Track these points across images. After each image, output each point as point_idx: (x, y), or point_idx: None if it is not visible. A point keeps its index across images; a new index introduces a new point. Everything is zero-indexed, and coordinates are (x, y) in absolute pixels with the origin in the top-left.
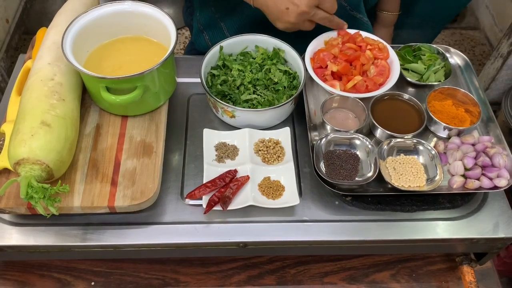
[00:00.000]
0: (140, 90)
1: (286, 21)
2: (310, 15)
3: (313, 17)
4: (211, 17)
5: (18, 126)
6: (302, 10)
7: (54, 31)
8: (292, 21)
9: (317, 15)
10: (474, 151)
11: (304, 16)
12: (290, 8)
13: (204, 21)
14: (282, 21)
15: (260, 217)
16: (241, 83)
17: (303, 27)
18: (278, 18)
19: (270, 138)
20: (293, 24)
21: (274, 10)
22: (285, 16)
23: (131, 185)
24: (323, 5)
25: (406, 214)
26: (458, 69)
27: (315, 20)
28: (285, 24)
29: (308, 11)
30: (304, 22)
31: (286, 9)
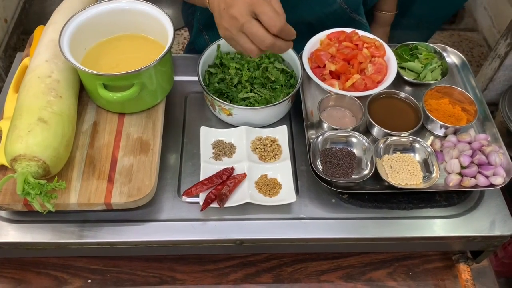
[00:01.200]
0: (137, 87)
1: (221, 25)
2: (240, 23)
3: (246, 29)
4: (211, 16)
5: (15, 123)
6: (231, 13)
7: (51, 29)
8: (225, 24)
9: (249, 28)
10: (470, 149)
11: (234, 22)
12: (225, 9)
13: (204, 21)
14: (219, 26)
15: (257, 215)
16: (239, 81)
17: (240, 42)
18: (217, 22)
19: (267, 136)
20: (226, 29)
21: (215, 11)
22: (222, 20)
23: (128, 182)
24: (260, 17)
25: (402, 212)
26: (455, 68)
27: (249, 34)
28: (221, 30)
29: (237, 15)
30: (239, 34)
31: (223, 9)
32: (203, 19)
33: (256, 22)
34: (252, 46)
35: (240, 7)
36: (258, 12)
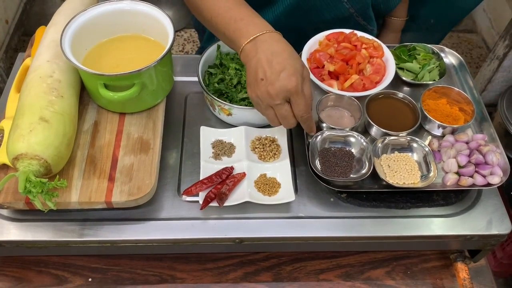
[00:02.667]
0: (137, 87)
1: (254, 91)
2: (274, 103)
3: (276, 108)
4: None
5: (17, 122)
6: (269, 91)
7: (53, 29)
8: (258, 94)
9: (280, 109)
10: (467, 149)
11: (269, 98)
12: (264, 80)
13: None
14: (251, 88)
15: (256, 214)
16: (238, 82)
17: (265, 112)
18: (249, 83)
19: (266, 136)
20: (258, 98)
21: (251, 74)
22: (256, 86)
23: (128, 181)
24: (293, 104)
25: (400, 211)
26: (452, 69)
27: (277, 113)
28: (251, 93)
29: (274, 96)
30: (267, 107)
31: (261, 79)
32: None
33: (288, 106)
34: (276, 120)
35: (279, 91)
36: (293, 101)
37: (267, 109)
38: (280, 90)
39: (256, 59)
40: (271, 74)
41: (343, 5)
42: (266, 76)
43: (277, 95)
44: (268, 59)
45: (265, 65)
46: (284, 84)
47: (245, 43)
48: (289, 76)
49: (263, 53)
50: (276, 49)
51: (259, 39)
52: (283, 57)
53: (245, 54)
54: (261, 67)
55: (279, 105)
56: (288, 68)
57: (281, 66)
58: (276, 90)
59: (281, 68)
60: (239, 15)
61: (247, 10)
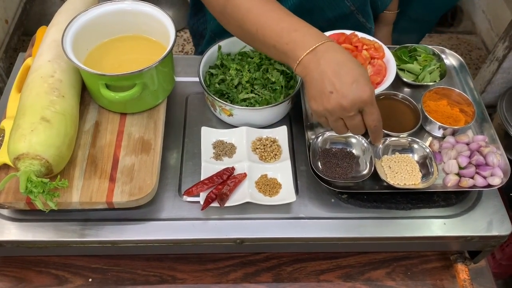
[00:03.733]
0: (139, 87)
1: (322, 104)
2: (348, 115)
3: (348, 120)
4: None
5: (18, 122)
6: (343, 104)
7: (54, 29)
8: (329, 108)
9: (353, 120)
10: (468, 150)
11: (342, 111)
12: (334, 94)
13: (216, 29)
14: (318, 102)
15: (257, 214)
16: (239, 82)
17: (334, 124)
18: (315, 97)
19: (267, 136)
20: (327, 111)
21: (316, 87)
22: (325, 99)
23: (129, 181)
24: (366, 114)
25: (401, 212)
26: (453, 70)
27: (348, 124)
28: (318, 107)
29: (349, 108)
30: (338, 119)
31: (330, 92)
32: (215, 28)
33: (360, 117)
34: (345, 130)
35: (354, 103)
36: (367, 111)
37: (337, 121)
38: (355, 102)
39: (319, 71)
40: (342, 85)
41: (344, 3)
42: (336, 88)
43: (352, 107)
44: (334, 71)
45: (332, 77)
46: (359, 95)
47: (303, 55)
48: (362, 86)
49: (327, 64)
50: (340, 59)
51: (319, 50)
52: (350, 67)
53: (303, 67)
54: (327, 79)
55: (352, 117)
56: (359, 78)
57: (352, 77)
58: (350, 102)
59: (352, 79)
60: (292, 26)
61: (299, 21)
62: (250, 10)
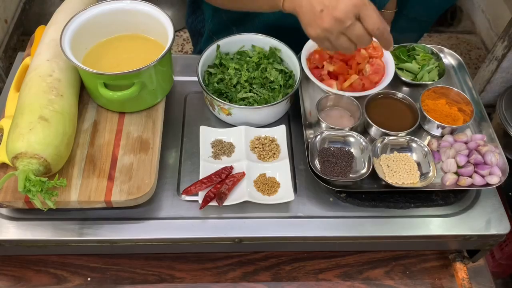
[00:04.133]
0: (137, 86)
1: (318, 26)
2: (346, 26)
3: (349, 31)
4: (221, 22)
5: (17, 121)
6: (336, 16)
7: (53, 29)
8: (325, 26)
9: (354, 30)
10: (466, 149)
11: (338, 24)
12: (325, 10)
13: (214, 28)
14: (314, 26)
15: (256, 213)
16: (238, 82)
17: (338, 42)
18: (310, 22)
19: (266, 135)
20: (326, 31)
21: (307, 12)
22: (318, 20)
23: (128, 180)
24: (364, 19)
25: (399, 210)
26: (451, 69)
27: (351, 36)
28: (316, 30)
29: (343, 18)
30: (339, 35)
31: (321, 11)
32: (213, 26)
33: (360, 24)
34: (351, 45)
35: (346, 10)
36: (364, 15)
37: (339, 37)
38: (347, 8)
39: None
40: (330, 0)
41: None
42: (326, 4)
43: (346, 16)
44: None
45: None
46: (351, 2)
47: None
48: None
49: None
50: None
51: None
52: None
53: (290, 1)
54: (315, 1)
55: (350, 26)
56: None
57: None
58: (343, 11)
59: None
60: None
61: None
62: None
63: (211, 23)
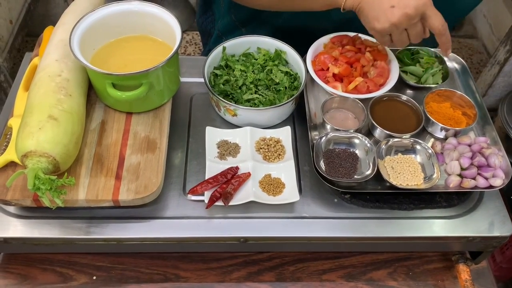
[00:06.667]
0: (145, 87)
1: (387, 20)
2: (413, 22)
3: (412, 28)
4: (230, 23)
5: (26, 120)
6: (407, 12)
7: (61, 29)
8: (394, 21)
9: (416, 27)
10: (470, 152)
11: (407, 20)
12: (396, 7)
13: (224, 28)
14: (381, 21)
15: (261, 213)
16: (243, 83)
17: (399, 37)
18: (378, 17)
19: (271, 136)
20: (393, 25)
21: (376, 8)
22: (388, 14)
23: (135, 180)
24: (431, 17)
25: (403, 212)
26: (455, 73)
27: (412, 32)
28: (383, 24)
29: (414, 15)
30: (403, 31)
31: (392, 7)
32: (223, 27)
33: (421, 23)
34: (407, 40)
35: (417, 8)
36: (431, 13)
37: (402, 32)
38: (418, 7)
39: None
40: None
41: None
42: (396, 1)
43: (416, 14)
44: None
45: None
46: (420, 2)
47: None
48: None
49: None
50: None
51: None
52: None
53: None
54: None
55: (415, 24)
56: None
57: None
58: (414, 8)
59: None
60: None
61: None
62: None
63: (221, 24)
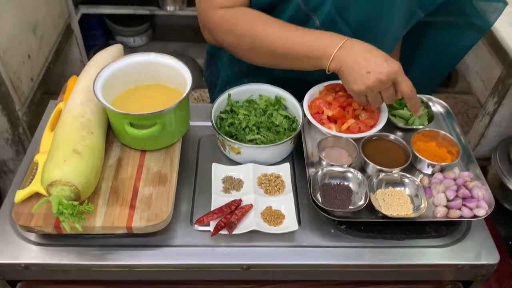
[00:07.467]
0: (159, 126)
1: (363, 84)
2: (385, 87)
3: (385, 91)
4: (234, 74)
5: (53, 154)
6: (380, 78)
7: (85, 78)
8: (369, 84)
9: (389, 90)
10: (455, 185)
11: (381, 85)
12: (371, 72)
13: (227, 79)
14: (359, 84)
15: (263, 242)
16: (246, 125)
17: (374, 98)
18: (356, 80)
19: (272, 172)
20: (368, 88)
21: (355, 73)
22: (364, 79)
23: (148, 209)
24: (401, 83)
25: (396, 241)
26: (440, 116)
27: (385, 94)
28: (360, 87)
29: (386, 80)
30: (377, 93)
31: (367, 72)
32: (227, 77)
33: (393, 88)
34: (381, 101)
35: (389, 75)
36: (401, 81)
37: (376, 95)
38: (390, 74)
39: (352, 59)
40: (376, 65)
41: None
42: (372, 68)
43: (388, 80)
44: (365, 56)
45: (365, 61)
46: (392, 69)
47: (335, 52)
48: (392, 62)
49: (358, 52)
50: (366, 47)
51: (346, 45)
52: (376, 51)
53: (337, 61)
54: (362, 64)
55: (388, 88)
56: (387, 57)
57: (381, 57)
58: (386, 75)
59: (383, 58)
60: (315, 36)
61: (318, 31)
62: (278, 37)
63: (225, 75)
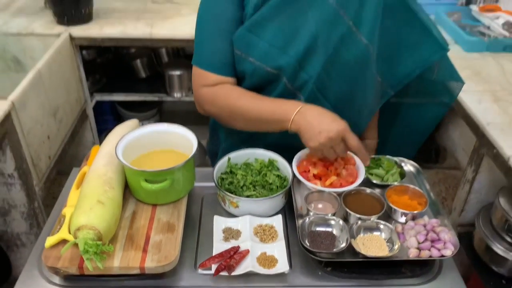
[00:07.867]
0: (169, 181)
1: (317, 141)
2: (336, 143)
3: (336, 146)
4: (233, 143)
5: (80, 204)
6: (331, 136)
7: (107, 145)
8: (322, 141)
9: (339, 146)
10: (425, 230)
11: (331, 141)
12: (323, 132)
13: (228, 147)
14: (313, 141)
15: (258, 283)
16: (244, 184)
17: (327, 153)
18: (311, 138)
19: (266, 223)
20: (322, 144)
21: (309, 132)
22: (317, 137)
23: (158, 252)
24: (348, 140)
25: (375, 281)
26: (411, 175)
27: (337, 149)
28: (314, 144)
29: (336, 137)
30: (329, 148)
31: (319, 132)
32: (227, 146)
33: (343, 143)
34: (334, 155)
35: (338, 134)
36: (348, 138)
37: (329, 149)
38: (338, 133)
39: (307, 121)
40: (326, 125)
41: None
42: (323, 128)
43: (337, 137)
44: (317, 119)
45: (317, 123)
46: (339, 128)
47: (293, 116)
48: (339, 122)
49: (311, 115)
50: (318, 110)
51: (302, 110)
52: (326, 114)
53: (295, 123)
54: (315, 125)
55: (338, 144)
56: (335, 117)
57: (330, 118)
58: (335, 133)
59: (331, 119)
60: (278, 104)
61: (280, 100)
62: (249, 106)
63: (225, 143)
